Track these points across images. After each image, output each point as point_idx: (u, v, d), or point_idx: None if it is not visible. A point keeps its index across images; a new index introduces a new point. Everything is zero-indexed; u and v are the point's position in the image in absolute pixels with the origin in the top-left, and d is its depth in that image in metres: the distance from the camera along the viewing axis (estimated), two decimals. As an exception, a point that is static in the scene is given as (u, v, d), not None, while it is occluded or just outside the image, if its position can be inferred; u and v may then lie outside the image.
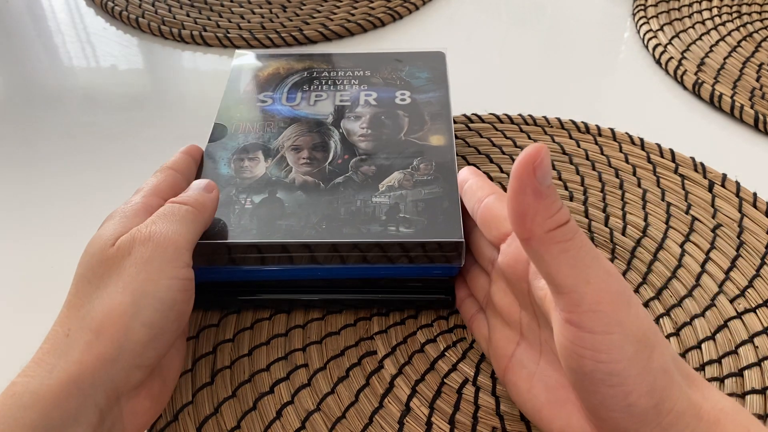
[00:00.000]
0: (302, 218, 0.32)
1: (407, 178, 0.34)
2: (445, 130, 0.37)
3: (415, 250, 0.31)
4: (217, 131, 0.37)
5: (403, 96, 0.40)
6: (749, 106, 0.47)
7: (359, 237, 0.31)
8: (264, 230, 0.31)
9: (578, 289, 0.22)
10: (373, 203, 0.32)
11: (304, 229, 0.31)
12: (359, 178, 0.34)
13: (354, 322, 0.35)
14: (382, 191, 0.33)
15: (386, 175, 0.34)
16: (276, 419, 0.31)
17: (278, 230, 0.31)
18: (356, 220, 0.31)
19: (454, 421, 0.31)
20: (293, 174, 0.34)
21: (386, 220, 0.31)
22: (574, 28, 0.60)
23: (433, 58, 0.43)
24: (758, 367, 0.32)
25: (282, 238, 0.31)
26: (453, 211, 0.32)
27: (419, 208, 0.32)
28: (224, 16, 0.59)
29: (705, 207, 0.40)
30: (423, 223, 0.31)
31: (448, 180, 0.34)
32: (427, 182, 0.33)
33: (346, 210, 0.32)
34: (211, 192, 0.31)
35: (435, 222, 0.31)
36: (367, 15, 0.59)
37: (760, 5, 0.59)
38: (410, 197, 0.33)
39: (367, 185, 0.33)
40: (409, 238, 0.30)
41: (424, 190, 0.33)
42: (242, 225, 0.31)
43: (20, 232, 0.42)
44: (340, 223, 0.31)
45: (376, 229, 0.31)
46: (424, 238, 0.30)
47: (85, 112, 0.52)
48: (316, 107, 0.39)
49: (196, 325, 0.34)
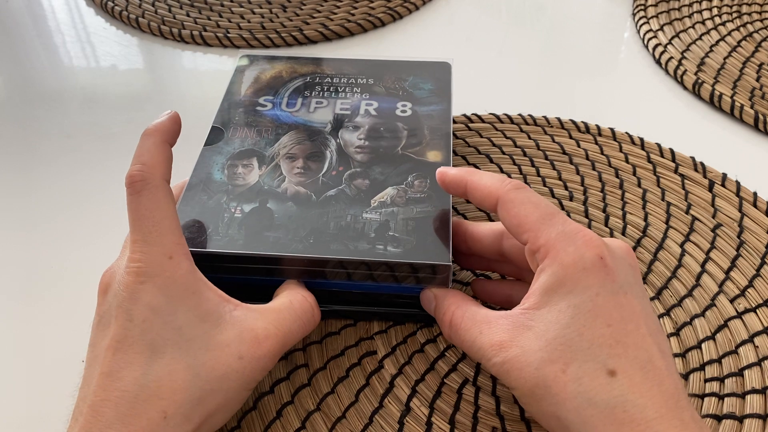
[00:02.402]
0: (290, 231, 0.31)
1: (400, 194, 0.33)
2: (443, 146, 0.36)
3: (402, 270, 0.30)
4: (213, 134, 0.37)
5: (404, 107, 0.39)
6: (749, 106, 0.47)
7: (346, 254, 0.30)
8: (251, 241, 0.31)
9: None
10: (364, 219, 0.32)
11: (292, 242, 0.31)
12: (352, 192, 0.33)
13: (354, 322, 0.35)
14: (374, 207, 0.33)
15: (379, 190, 0.34)
16: (276, 419, 0.31)
17: (265, 242, 0.31)
18: (345, 236, 0.31)
19: (454, 421, 0.31)
20: (286, 184, 0.34)
21: (375, 237, 0.31)
22: (574, 28, 0.60)
23: (439, 68, 0.42)
24: (758, 366, 0.32)
25: (268, 251, 0.30)
26: (443, 233, 0.31)
27: (409, 227, 0.31)
28: (224, 16, 0.59)
29: (705, 207, 0.40)
30: (412, 243, 0.31)
31: (441, 199, 0.33)
32: (419, 200, 0.33)
33: (336, 225, 0.32)
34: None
35: (424, 243, 0.31)
36: (367, 15, 0.59)
37: (760, 5, 0.59)
38: (401, 215, 0.32)
39: (359, 200, 0.33)
40: (396, 258, 0.30)
41: (416, 208, 0.32)
42: (230, 234, 0.31)
43: (20, 232, 0.42)
44: (329, 239, 0.31)
45: (364, 247, 0.30)
46: (412, 259, 0.30)
47: (85, 112, 0.52)
48: (316, 114, 0.39)
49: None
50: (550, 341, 0.25)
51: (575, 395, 0.24)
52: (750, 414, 0.30)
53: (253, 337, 0.27)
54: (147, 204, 0.27)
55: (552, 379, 0.24)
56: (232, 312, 0.28)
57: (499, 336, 0.26)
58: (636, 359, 0.24)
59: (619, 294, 0.25)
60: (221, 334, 0.27)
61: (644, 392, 0.24)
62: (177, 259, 0.27)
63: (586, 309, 0.25)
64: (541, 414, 0.26)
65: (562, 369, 0.24)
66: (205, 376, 0.26)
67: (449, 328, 0.29)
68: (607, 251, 0.26)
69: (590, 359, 0.24)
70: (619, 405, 0.23)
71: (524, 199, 0.28)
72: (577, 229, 0.26)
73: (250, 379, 0.27)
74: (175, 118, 0.30)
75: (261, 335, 0.27)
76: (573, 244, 0.26)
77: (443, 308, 0.30)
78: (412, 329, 0.34)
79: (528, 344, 0.25)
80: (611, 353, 0.24)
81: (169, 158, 0.29)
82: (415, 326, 0.34)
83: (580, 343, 0.24)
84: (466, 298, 0.30)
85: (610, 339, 0.24)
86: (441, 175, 0.31)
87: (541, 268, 0.26)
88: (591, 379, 0.24)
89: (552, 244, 0.26)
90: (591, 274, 0.25)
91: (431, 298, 0.31)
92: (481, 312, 0.28)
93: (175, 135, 0.30)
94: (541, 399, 0.25)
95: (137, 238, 0.27)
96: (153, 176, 0.27)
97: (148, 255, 0.26)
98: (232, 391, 0.27)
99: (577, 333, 0.25)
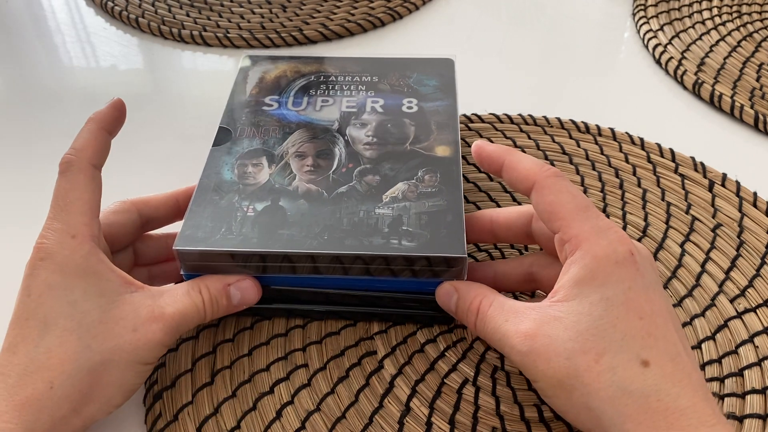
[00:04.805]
0: (304, 228, 0.31)
1: (411, 189, 0.33)
2: (451, 141, 0.36)
3: (417, 264, 0.30)
4: (221, 135, 0.37)
5: (410, 104, 0.39)
6: (749, 106, 0.47)
7: (361, 249, 0.30)
8: (265, 239, 0.31)
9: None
10: (376, 215, 0.32)
11: (306, 239, 0.31)
12: (363, 188, 0.33)
13: (354, 322, 0.35)
14: (386, 202, 0.33)
15: (390, 185, 0.34)
16: (276, 419, 0.31)
17: (279, 240, 0.31)
18: (358, 232, 0.31)
19: (454, 421, 0.31)
20: (296, 182, 0.34)
21: (389, 232, 0.31)
22: (574, 28, 0.60)
23: (442, 64, 0.43)
24: (758, 367, 0.32)
25: (283, 248, 0.30)
26: (456, 226, 0.31)
27: (422, 221, 0.31)
28: (224, 16, 0.59)
29: (705, 207, 0.40)
30: (426, 237, 0.31)
31: (453, 192, 0.33)
32: (431, 194, 0.33)
33: (349, 221, 0.32)
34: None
35: (438, 236, 0.31)
36: (367, 15, 0.59)
37: (760, 5, 0.59)
38: (414, 209, 0.32)
39: (370, 195, 0.33)
40: (411, 252, 0.30)
41: (428, 203, 0.32)
42: (244, 233, 0.31)
43: (20, 232, 0.42)
44: (343, 234, 0.31)
45: (378, 242, 0.30)
46: (427, 252, 0.30)
47: (85, 112, 0.51)
48: (322, 113, 0.39)
49: (197, 326, 0.34)
50: (581, 332, 0.25)
51: (609, 384, 0.24)
52: (750, 414, 0.30)
53: (149, 312, 0.28)
54: (64, 185, 0.29)
55: (584, 369, 0.24)
56: (133, 293, 0.29)
57: (526, 325, 0.26)
58: (666, 351, 0.25)
59: (648, 289, 0.26)
60: (117, 309, 0.28)
61: (676, 382, 0.24)
62: (80, 239, 0.28)
63: (619, 302, 0.25)
64: (569, 406, 0.25)
65: (595, 359, 0.24)
66: (97, 347, 0.27)
67: (476, 316, 0.29)
68: (636, 249, 0.26)
69: (624, 350, 0.24)
70: (653, 394, 0.24)
71: (562, 187, 0.28)
72: (610, 225, 0.27)
73: (145, 354, 0.28)
74: (116, 104, 0.32)
75: (157, 312, 0.28)
76: (606, 239, 0.26)
77: (469, 298, 0.29)
78: (412, 329, 0.34)
79: (557, 334, 0.25)
80: (644, 345, 0.25)
81: (101, 144, 0.31)
82: (415, 326, 0.34)
83: (614, 335, 0.25)
84: (492, 290, 0.30)
85: (642, 331, 0.25)
86: (478, 148, 0.31)
87: (572, 260, 0.26)
88: (625, 369, 0.24)
89: (585, 237, 0.26)
90: (623, 268, 0.26)
91: (451, 291, 0.30)
92: (508, 302, 0.28)
93: (114, 122, 0.32)
94: (572, 389, 0.25)
95: (49, 215, 0.29)
96: (79, 160, 0.29)
97: (52, 233, 0.28)
98: (125, 363, 0.27)
99: (610, 324, 0.25)
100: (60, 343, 0.26)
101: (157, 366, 0.33)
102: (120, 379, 0.28)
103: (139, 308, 0.28)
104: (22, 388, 0.26)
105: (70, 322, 0.27)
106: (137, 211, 0.33)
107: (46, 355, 0.26)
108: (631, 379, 0.24)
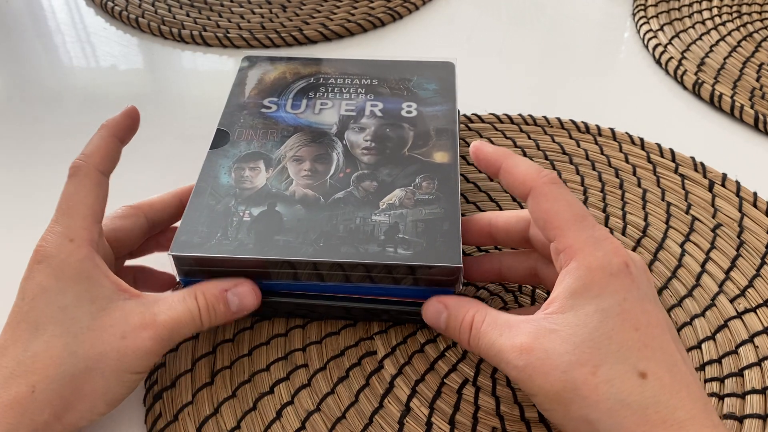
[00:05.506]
0: (300, 234, 0.31)
1: (408, 196, 0.33)
2: (449, 147, 0.36)
3: (413, 273, 0.30)
4: (219, 137, 0.37)
5: (409, 108, 0.39)
6: (749, 106, 0.47)
7: (357, 257, 0.30)
8: (261, 245, 0.31)
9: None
10: (373, 222, 0.32)
11: (302, 246, 0.30)
12: (360, 194, 0.33)
13: (354, 322, 0.35)
14: (383, 209, 0.32)
15: (387, 191, 0.33)
16: (276, 419, 0.31)
17: (275, 246, 0.31)
18: (354, 239, 0.31)
19: (454, 421, 0.31)
20: (293, 186, 0.34)
21: (385, 240, 0.31)
22: (574, 28, 0.60)
23: (442, 68, 0.42)
24: (758, 367, 0.32)
25: (279, 255, 0.30)
26: (453, 234, 0.31)
27: (419, 229, 0.31)
28: (224, 16, 0.59)
29: (705, 207, 0.40)
30: (422, 245, 0.30)
31: (450, 200, 0.33)
32: (428, 201, 0.33)
33: (345, 227, 0.31)
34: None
35: (434, 245, 0.30)
36: (367, 15, 0.59)
37: (760, 5, 0.59)
38: (410, 217, 0.32)
39: (367, 202, 0.33)
40: (407, 261, 0.30)
41: (425, 210, 0.32)
42: (239, 239, 0.31)
43: (20, 232, 0.42)
44: (339, 241, 0.31)
45: (374, 250, 0.30)
46: (423, 261, 0.30)
47: (85, 112, 0.52)
48: (321, 116, 0.38)
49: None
50: (578, 344, 0.25)
51: (607, 396, 0.24)
52: (750, 414, 0.30)
53: (140, 319, 0.28)
54: (70, 189, 0.29)
55: (582, 382, 0.24)
56: (126, 300, 0.28)
57: (521, 339, 0.26)
58: (664, 362, 0.24)
59: (644, 301, 0.26)
60: (107, 316, 0.27)
61: (674, 394, 0.24)
62: (78, 243, 0.28)
63: (614, 313, 0.25)
64: (567, 419, 0.25)
65: (592, 371, 0.24)
66: (83, 354, 0.27)
67: (469, 332, 0.28)
68: (631, 260, 0.26)
69: (621, 361, 0.24)
70: (652, 406, 0.24)
71: (558, 195, 0.27)
72: (605, 236, 0.26)
73: (132, 362, 0.27)
74: (129, 112, 0.32)
75: (148, 319, 0.28)
76: (601, 249, 0.26)
77: (460, 315, 0.29)
78: (412, 329, 0.34)
79: (553, 347, 0.25)
80: (640, 356, 0.24)
81: (111, 151, 0.31)
82: (415, 326, 0.34)
83: (610, 346, 0.24)
84: (483, 303, 0.29)
85: (638, 342, 0.25)
86: (476, 149, 0.30)
87: (566, 270, 0.26)
88: (622, 381, 0.24)
89: (580, 247, 0.26)
90: (618, 279, 0.25)
91: (440, 309, 0.30)
92: (502, 316, 0.27)
93: (126, 130, 0.32)
94: (570, 402, 0.25)
95: (53, 219, 0.29)
96: (86, 165, 0.30)
97: (52, 236, 0.28)
98: (110, 371, 0.27)
99: (606, 336, 0.25)
100: (46, 348, 0.26)
101: (157, 366, 0.33)
102: (104, 387, 0.27)
103: (130, 315, 0.28)
104: (5, 391, 0.26)
105: (59, 328, 0.27)
106: (143, 215, 0.33)
107: (31, 359, 0.26)
108: (628, 391, 0.24)
